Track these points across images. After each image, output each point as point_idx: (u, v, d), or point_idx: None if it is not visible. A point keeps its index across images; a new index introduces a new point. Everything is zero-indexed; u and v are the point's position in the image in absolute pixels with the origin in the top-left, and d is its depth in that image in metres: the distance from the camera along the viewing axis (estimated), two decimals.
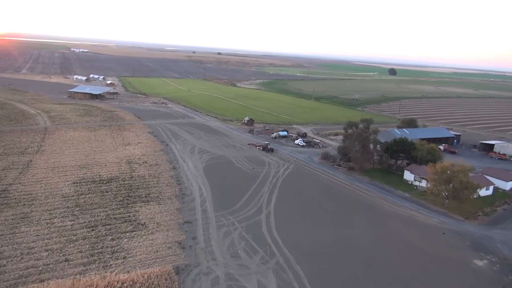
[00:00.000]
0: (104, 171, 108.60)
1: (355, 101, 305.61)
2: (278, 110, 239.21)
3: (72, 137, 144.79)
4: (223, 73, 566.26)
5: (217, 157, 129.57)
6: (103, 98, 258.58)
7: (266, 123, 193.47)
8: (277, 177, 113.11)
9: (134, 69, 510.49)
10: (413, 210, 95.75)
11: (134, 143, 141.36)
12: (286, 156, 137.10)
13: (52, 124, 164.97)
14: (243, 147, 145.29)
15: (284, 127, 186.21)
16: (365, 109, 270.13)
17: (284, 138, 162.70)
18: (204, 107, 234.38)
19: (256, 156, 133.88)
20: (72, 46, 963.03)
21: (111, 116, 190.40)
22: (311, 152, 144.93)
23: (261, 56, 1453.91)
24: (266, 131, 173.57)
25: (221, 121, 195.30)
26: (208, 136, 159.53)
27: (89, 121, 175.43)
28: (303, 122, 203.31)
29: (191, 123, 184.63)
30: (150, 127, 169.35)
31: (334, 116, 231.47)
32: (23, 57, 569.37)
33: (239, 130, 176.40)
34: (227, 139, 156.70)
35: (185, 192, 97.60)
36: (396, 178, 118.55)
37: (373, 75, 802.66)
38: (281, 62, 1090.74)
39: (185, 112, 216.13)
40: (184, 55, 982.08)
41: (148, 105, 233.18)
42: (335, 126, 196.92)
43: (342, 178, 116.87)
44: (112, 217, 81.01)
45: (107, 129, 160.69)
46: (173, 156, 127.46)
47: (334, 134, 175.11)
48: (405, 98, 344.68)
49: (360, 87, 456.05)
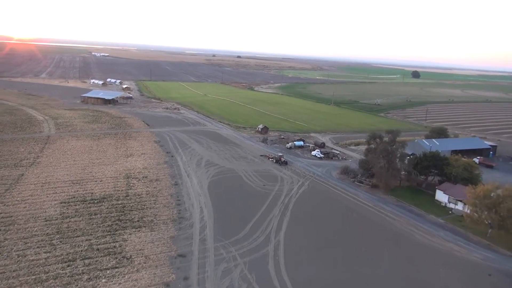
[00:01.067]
0: (98, 188, 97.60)
1: (377, 106, 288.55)
2: (295, 116, 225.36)
3: (73, 147, 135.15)
4: (241, 77, 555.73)
5: (225, 171, 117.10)
6: (116, 103, 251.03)
7: (281, 131, 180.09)
8: (290, 196, 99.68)
9: (152, 73, 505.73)
10: (449, 241, 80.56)
11: (137, 154, 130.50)
12: (302, 170, 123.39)
13: (56, 132, 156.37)
14: (254, 159, 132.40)
15: (301, 135, 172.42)
16: (388, 115, 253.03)
17: (300, 149, 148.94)
18: (218, 113, 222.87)
19: (268, 170, 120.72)
20: (93, 50, 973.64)
21: (119, 123, 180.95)
22: (330, 165, 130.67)
23: (281, 59, 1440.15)
24: (281, 140, 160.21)
25: (233, 128, 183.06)
26: (218, 146, 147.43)
27: (95, 129, 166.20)
28: (322, 130, 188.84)
29: (202, 131, 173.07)
30: (158, 136, 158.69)
31: (355, 123, 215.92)
32: (45, 62, 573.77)
33: (252, 139, 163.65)
34: (238, 149, 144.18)
35: (184, 215, 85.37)
36: (426, 198, 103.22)
37: (396, 78, 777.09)
38: (300, 65, 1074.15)
39: (197, 118, 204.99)
40: (203, 59, 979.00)
41: (160, 111, 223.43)
42: (356, 135, 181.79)
43: (365, 197, 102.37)
44: (95, 247, 69.38)
45: (111, 138, 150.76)
46: (177, 170, 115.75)
47: (355, 144, 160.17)
48: (431, 103, 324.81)
49: (382, 91, 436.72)
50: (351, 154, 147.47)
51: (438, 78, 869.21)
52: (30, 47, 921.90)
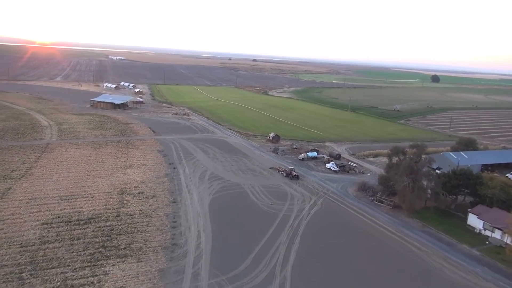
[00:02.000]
0: (87, 206, 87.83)
1: (396, 113, 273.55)
2: (309, 123, 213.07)
3: (71, 156, 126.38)
4: (256, 80, 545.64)
5: (229, 186, 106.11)
6: (126, 107, 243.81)
7: (294, 140, 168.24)
8: (300, 218, 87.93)
9: (166, 77, 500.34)
10: (488, 280, 67.58)
11: (137, 165, 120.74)
12: (314, 185, 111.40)
13: (57, 140, 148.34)
14: (263, 172, 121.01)
15: (315, 145, 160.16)
16: (409, 123, 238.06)
17: (314, 160, 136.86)
18: (229, 119, 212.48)
19: (277, 186, 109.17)
20: (111, 54, 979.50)
21: (125, 129, 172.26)
22: (346, 180, 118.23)
23: (297, 63, 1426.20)
24: (293, 151, 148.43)
25: (243, 137, 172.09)
26: (225, 156, 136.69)
27: (98, 136, 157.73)
28: (337, 139, 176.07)
29: (210, 139, 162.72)
30: (162, 144, 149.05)
31: (373, 131, 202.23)
32: (62, 65, 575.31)
33: (262, 148, 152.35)
34: (246, 160, 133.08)
35: (178, 241, 74.65)
36: (457, 222, 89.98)
37: (415, 82, 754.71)
38: (317, 68, 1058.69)
39: (206, 125, 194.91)
40: (219, 62, 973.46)
41: (169, 117, 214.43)
42: (374, 145, 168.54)
43: (385, 221, 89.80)
44: (69, 283, 59.21)
45: (113, 146, 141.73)
46: (177, 184, 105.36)
47: (374, 155, 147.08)
48: (453, 109, 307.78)
49: (401, 96, 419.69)
50: (369, 167, 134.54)
51: (459, 82, 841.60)
52: (50, 51, 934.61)
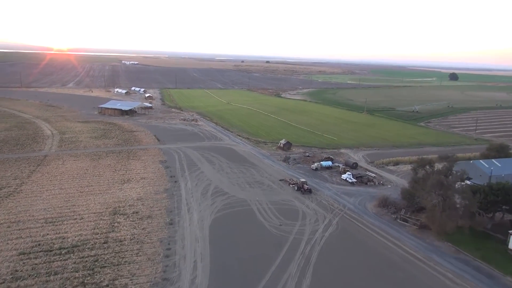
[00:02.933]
0: (73, 230, 78.13)
1: (415, 114, 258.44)
2: (323, 127, 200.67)
3: (67, 170, 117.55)
4: (269, 82, 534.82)
5: (234, 203, 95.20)
6: (134, 113, 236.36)
7: (306, 147, 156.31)
8: (312, 243, 76.34)
9: (178, 80, 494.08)
10: None
11: (136, 179, 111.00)
12: (329, 200, 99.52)
13: (56, 151, 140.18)
14: (272, 185, 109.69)
15: (329, 152, 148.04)
16: (430, 125, 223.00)
17: (328, 170, 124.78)
18: (238, 125, 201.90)
19: (288, 202, 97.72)
20: (126, 58, 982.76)
21: (128, 138, 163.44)
22: (364, 193, 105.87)
23: (311, 64, 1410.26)
24: (305, 159, 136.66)
25: (253, 144, 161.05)
26: (232, 166, 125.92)
27: (99, 146, 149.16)
28: (353, 145, 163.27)
29: (216, 147, 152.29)
30: (166, 154, 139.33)
31: (392, 135, 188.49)
32: (75, 71, 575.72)
33: (272, 157, 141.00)
34: (254, 171, 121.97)
35: (170, 274, 64.05)
36: (496, 246, 76.91)
37: (432, 81, 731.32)
38: (331, 69, 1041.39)
39: (214, 131, 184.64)
40: (232, 65, 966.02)
41: (177, 123, 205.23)
42: (394, 151, 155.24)
43: (412, 245, 77.37)
44: None
45: (113, 157, 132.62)
46: (177, 201, 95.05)
47: (394, 163, 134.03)
48: (476, 109, 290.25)
49: (419, 96, 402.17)
50: (389, 177, 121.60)
51: (478, 80, 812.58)
52: (66, 57, 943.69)
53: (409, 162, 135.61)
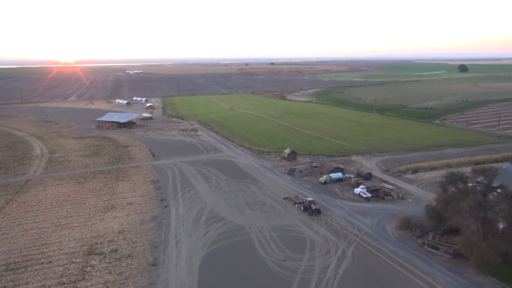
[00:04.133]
0: (36, 280, 64.87)
1: (429, 111, 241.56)
2: (331, 131, 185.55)
3: (47, 197, 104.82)
4: (274, 85, 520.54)
5: (231, 232, 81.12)
6: (133, 125, 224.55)
7: (313, 155, 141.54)
8: (323, 284, 61.77)
9: (181, 87, 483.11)
10: None
11: (122, 205, 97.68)
12: (341, 222, 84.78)
13: (41, 174, 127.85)
14: (275, 206, 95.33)
15: (338, 160, 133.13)
16: (446, 122, 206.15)
17: (339, 183, 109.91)
18: (240, 133, 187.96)
19: (293, 227, 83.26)
20: (130, 68, 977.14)
21: (121, 155, 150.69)
22: (381, 211, 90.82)
23: (316, 63, 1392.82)
24: (312, 170, 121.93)
25: (255, 154, 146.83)
26: (230, 184, 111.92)
27: (88, 165, 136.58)
28: (365, 150, 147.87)
29: (215, 161, 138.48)
30: (160, 171, 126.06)
31: (407, 136, 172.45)
32: (78, 83, 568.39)
33: (275, 169, 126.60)
34: (255, 188, 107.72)
35: None
36: None
37: (441, 74, 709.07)
38: (337, 67, 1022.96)
39: (214, 142, 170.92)
40: (236, 68, 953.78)
41: (175, 134, 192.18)
42: (411, 155, 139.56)
43: (447, 283, 62.20)
44: None
45: (101, 179, 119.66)
46: (164, 233, 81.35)
47: (413, 171, 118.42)
48: (493, 102, 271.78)
49: (430, 90, 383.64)
50: (409, 188, 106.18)
51: (489, 70, 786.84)
52: (71, 70, 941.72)
53: (429, 168, 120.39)
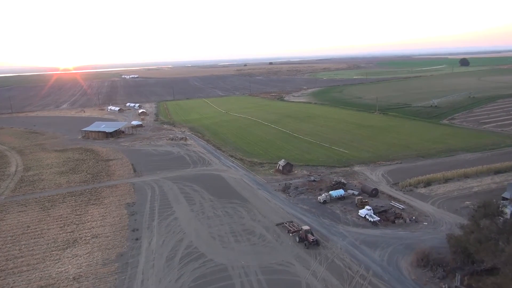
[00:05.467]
0: None
1: (435, 109, 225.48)
2: (331, 136, 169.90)
3: (3, 228, 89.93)
4: (272, 85, 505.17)
5: (210, 274, 65.77)
6: (120, 134, 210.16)
7: (311, 166, 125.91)
8: None
9: (178, 91, 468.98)
10: None
11: (86, 238, 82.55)
12: (345, 258, 69.20)
13: (6, 198, 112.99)
14: (265, 235, 79.89)
15: (340, 172, 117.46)
16: (455, 122, 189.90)
17: (340, 202, 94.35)
18: (233, 141, 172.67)
19: (286, 266, 67.76)
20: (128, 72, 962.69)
21: (100, 171, 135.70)
22: (393, 240, 75.11)
23: (315, 61, 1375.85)
24: (310, 186, 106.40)
25: (247, 167, 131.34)
26: (216, 206, 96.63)
27: (61, 185, 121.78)
28: (369, 159, 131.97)
29: (202, 176, 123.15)
30: (138, 191, 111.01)
31: (414, 139, 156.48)
32: (73, 90, 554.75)
33: (268, 185, 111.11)
34: (243, 212, 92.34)
35: None
36: None
37: (443, 68, 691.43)
38: (336, 65, 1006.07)
39: (204, 153, 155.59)
40: (234, 70, 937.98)
41: (162, 144, 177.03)
42: (421, 163, 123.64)
43: None
44: None
45: (71, 203, 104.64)
46: (129, 279, 66.14)
47: (425, 183, 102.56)
48: (503, 97, 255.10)
49: (433, 86, 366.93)
50: (423, 207, 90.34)
51: (491, 63, 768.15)
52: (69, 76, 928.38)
53: (444, 179, 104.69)
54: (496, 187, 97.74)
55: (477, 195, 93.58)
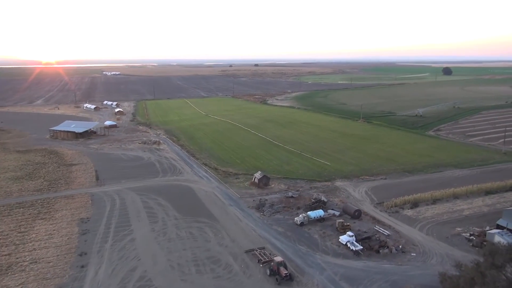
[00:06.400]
0: None
1: (420, 119, 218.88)
2: (313, 145, 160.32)
3: None
4: (256, 87, 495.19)
5: None
6: (91, 135, 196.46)
7: (290, 179, 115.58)
8: None
9: (160, 90, 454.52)
10: None
11: (23, 264, 70.13)
12: None
13: None
14: (232, 265, 68.99)
15: (320, 188, 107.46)
16: (441, 133, 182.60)
17: (320, 224, 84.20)
18: (209, 147, 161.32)
19: None
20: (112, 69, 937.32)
21: (59, 177, 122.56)
22: (377, 275, 65.16)
23: (301, 65, 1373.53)
24: (287, 203, 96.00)
25: (221, 177, 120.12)
26: (180, 225, 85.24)
27: (11, 194, 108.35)
28: (352, 172, 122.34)
29: (170, 187, 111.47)
30: (97, 203, 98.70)
31: (399, 151, 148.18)
32: (51, 85, 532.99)
33: (241, 201, 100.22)
34: (210, 233, 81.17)
35: None
36: None
37: (426, 76, 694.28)
38: (321, 69, 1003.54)
39: (176, 159, 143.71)
40: (219, 70, 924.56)
41: (133, 148, 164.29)
42: (406, 179, 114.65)
43: None
44: None
45: (16, 217, 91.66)
46: None
47: (412, 204, 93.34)
48: (487, 109, 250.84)
49: (417, 95, 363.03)
50: (410, 233, 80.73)
51: (472, 73, 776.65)
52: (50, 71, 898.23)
53: (432, 199, 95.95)
54: (488, 211, 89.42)
55: (469, 220, 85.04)
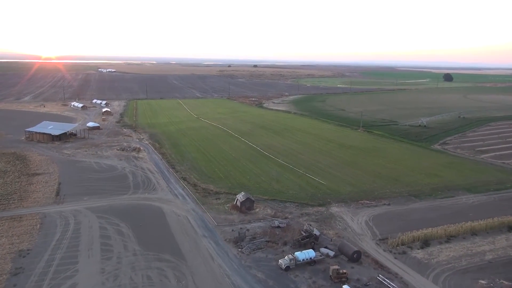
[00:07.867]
0: None
1: (424, 129, 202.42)
2: (307, 158, 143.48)
3: None
4: (253, 89, 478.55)
5: None
6: (70, 138, 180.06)
7: (278, 202, 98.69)
8: None
9: (154, 89, 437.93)
10: None
11: None
12: None
13: None
14: None
15: (313, 215, 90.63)
16: (448, 148, 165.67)
17: (309, 268, 67.38)
18: (192, 157, 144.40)
19: None
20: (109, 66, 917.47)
21: (14, 191, 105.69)
22: None
23: (300, 67, 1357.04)
24: (271, 237, 78.99)
25: (198, 197, 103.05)
26: (137, 265, 68.29)
27: None
28: (350, 194, 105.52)
29: (138, 209, 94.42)
30: (45, 229, 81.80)
31: (403, 169, 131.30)
32: (43, 81, 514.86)
33: (218, 230, 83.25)
34: (172, 279, 64.20)
35: None
36: None
37: (427, 82, 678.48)
38: (320, 72, 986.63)
39: (153, 171, 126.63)
40: (217, 70, 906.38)
41: (110, 156, 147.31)
42: (413, 205, 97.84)
43: None
44: None
45: None
46: None
47: (422, 242, 76.56)
48: (495, 120, 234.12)
49: (419, 102, 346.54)
50: (422, 285, 64.22)
51: (473, 80, 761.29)
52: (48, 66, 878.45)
53: (446, 236, 79.41)
54: None
55: (493, 267, 68.51)
